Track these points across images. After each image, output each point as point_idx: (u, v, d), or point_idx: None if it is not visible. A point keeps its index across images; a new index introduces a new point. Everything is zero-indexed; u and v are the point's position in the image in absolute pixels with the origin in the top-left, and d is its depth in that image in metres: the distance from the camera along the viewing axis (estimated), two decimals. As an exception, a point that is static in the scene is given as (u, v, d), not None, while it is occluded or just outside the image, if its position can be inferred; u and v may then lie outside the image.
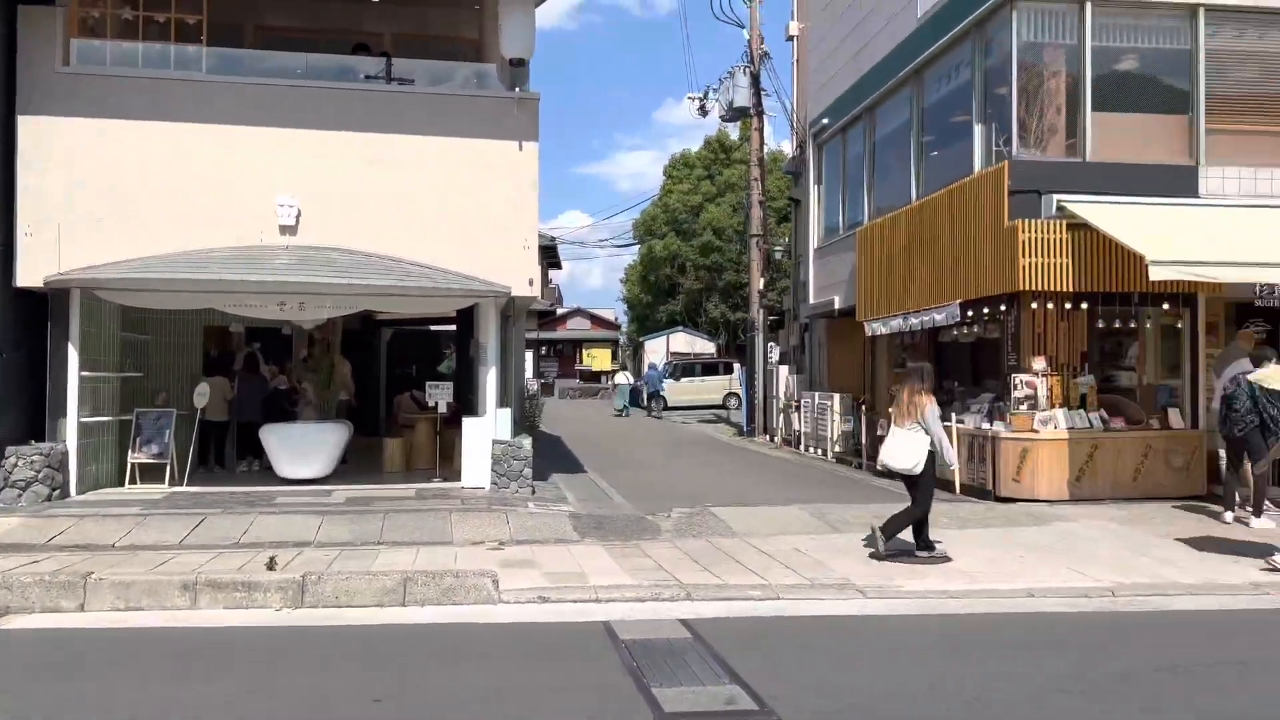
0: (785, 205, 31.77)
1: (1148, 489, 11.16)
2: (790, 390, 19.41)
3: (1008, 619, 6.65)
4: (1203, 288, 10.89)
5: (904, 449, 8.06)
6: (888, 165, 15.71)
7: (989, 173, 11.73)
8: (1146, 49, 11.74)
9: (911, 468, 8.05)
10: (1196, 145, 11.47)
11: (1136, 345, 12.27)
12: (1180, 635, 6.29)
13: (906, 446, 8.06)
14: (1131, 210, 10.96)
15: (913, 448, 8.03)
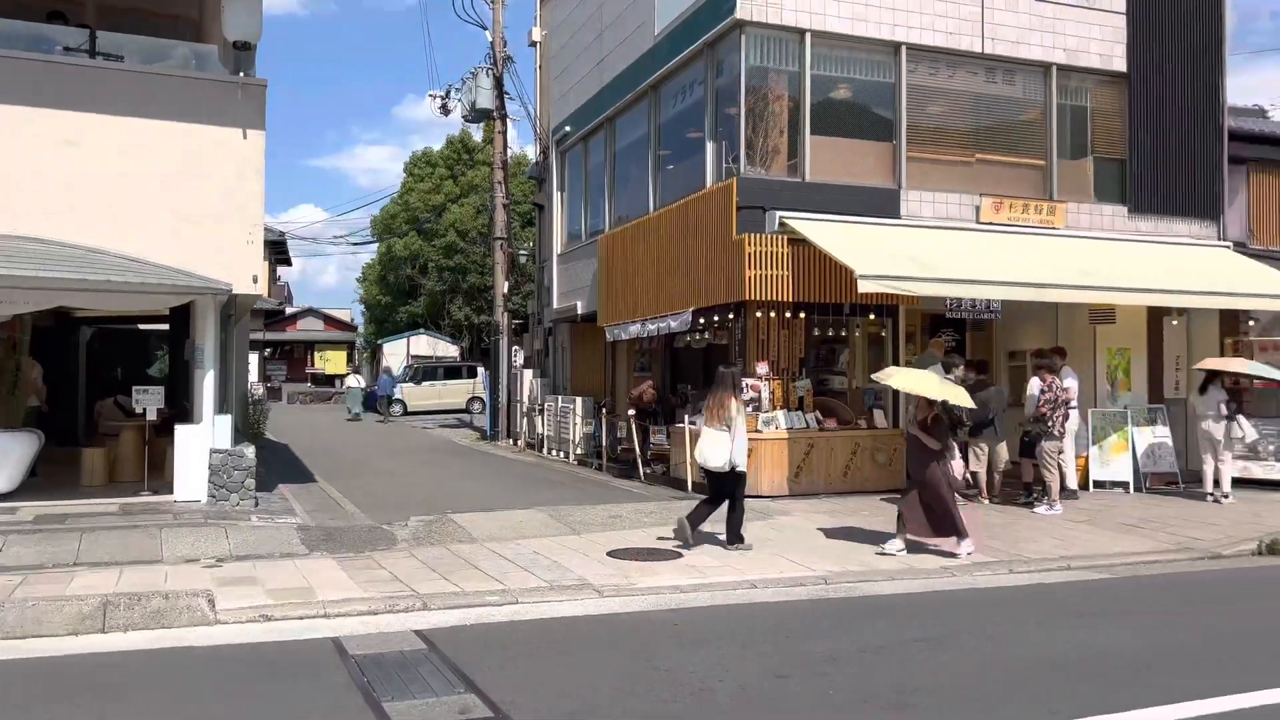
0: (530, 209, 31.88)
1: (857, 483, 12.17)
2: (534, 394, 19.48)
3: (733, 610, 7.01)
4: (903, 300, 12.01)
5: (716, 449, 8.63)
6: (628, 175, 16.17)
7: (719, 188, 12.36)
8: (858, 80, 12.83)
9: (722, 465, 8.62)
10: (899, 171, 12.66)
11: (847, 351, 13.35)
12: (883, 617, 6.89)
13: (718, 447, 8.62)
14: (844, 228, 11.92)
15: (723, 447, 8.60)
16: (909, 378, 9.16)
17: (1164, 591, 7.85)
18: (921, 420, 8.80)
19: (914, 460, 8.86)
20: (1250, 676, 5.37)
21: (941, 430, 8.78)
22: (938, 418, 8.75)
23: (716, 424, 8.68)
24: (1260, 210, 14.83)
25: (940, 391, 8.61)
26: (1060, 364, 11.95)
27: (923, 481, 8.66)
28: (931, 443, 8.67)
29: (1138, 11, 13.65)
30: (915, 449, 8.83)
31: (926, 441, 8.69)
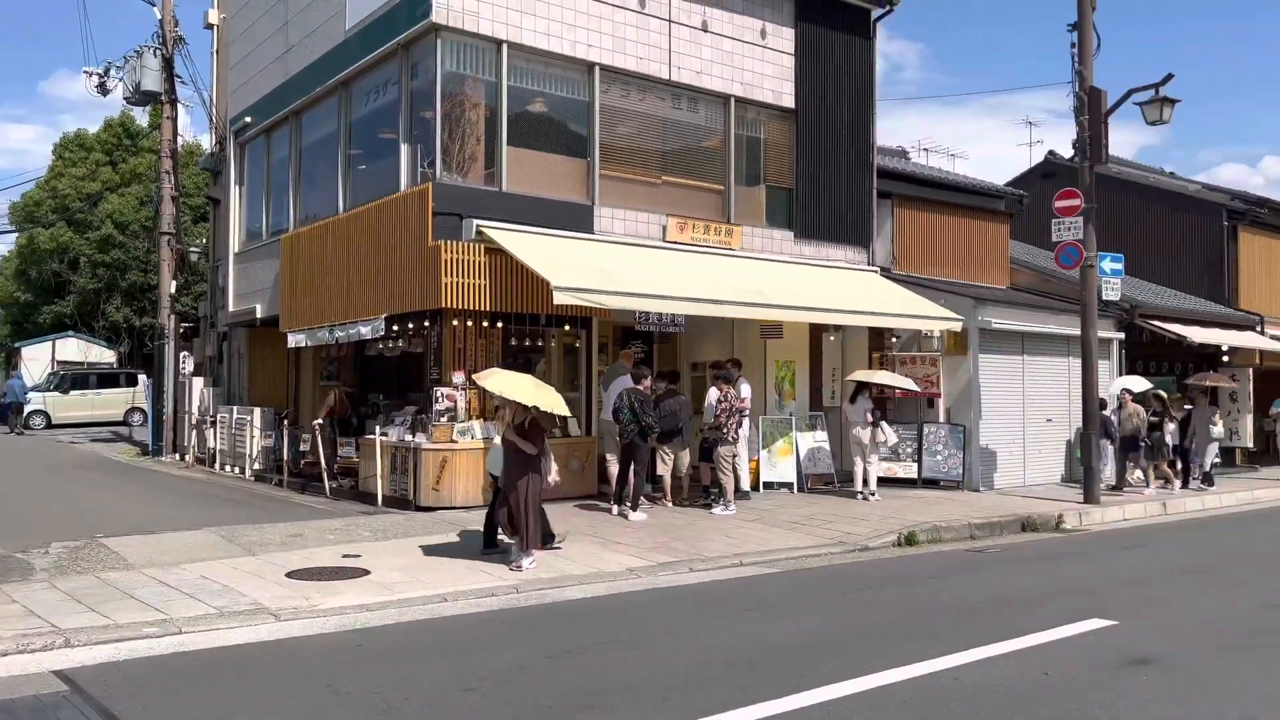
0: (203, 203, 29.41)
1: (550, 492, 12.27)
2: (205, 404, 17.95)
3: (423, 625, 6.82)
4: (596, 312, 12.35)
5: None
6: (316, 173, 15.38)
7: (415, 192, 12.07)
8: (555, 95, 13.05)
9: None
10: (593, 187, 13.02)
11: (544, 361, 13.50)
12: (573, 622, 7.00)
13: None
14: (541, 240, 12.07)
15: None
16: (503, 381, 8.62)
17: (824, 582, 8.62)
18: (518, 425, 8.50)
19: (509, 466, 8.51)
20: (894, 655, 6.01)
21: (538, 435, 8.53)
22: (535, 422, 8.50)
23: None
24: (902, 240, 16.81)
25: (534, 397, 8.30)
26: (736, 375, 12.82)
27: (513, 487, 8.40)
28: (527, 447, 8.44)
29: (804, 53, 15.01)
30: (511, 454, 8.51)
31: (523, 446, 8.44)
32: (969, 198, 18.13)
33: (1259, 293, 21.91)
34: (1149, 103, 13.74)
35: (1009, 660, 5.97)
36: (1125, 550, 10.66)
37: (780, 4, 14.80)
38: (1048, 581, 8.71)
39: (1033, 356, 15.89)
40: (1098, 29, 13.61)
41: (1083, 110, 13.52)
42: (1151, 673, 5.80)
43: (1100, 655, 6.10)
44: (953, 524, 11.29)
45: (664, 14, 13.60)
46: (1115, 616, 7.04)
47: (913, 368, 15.33)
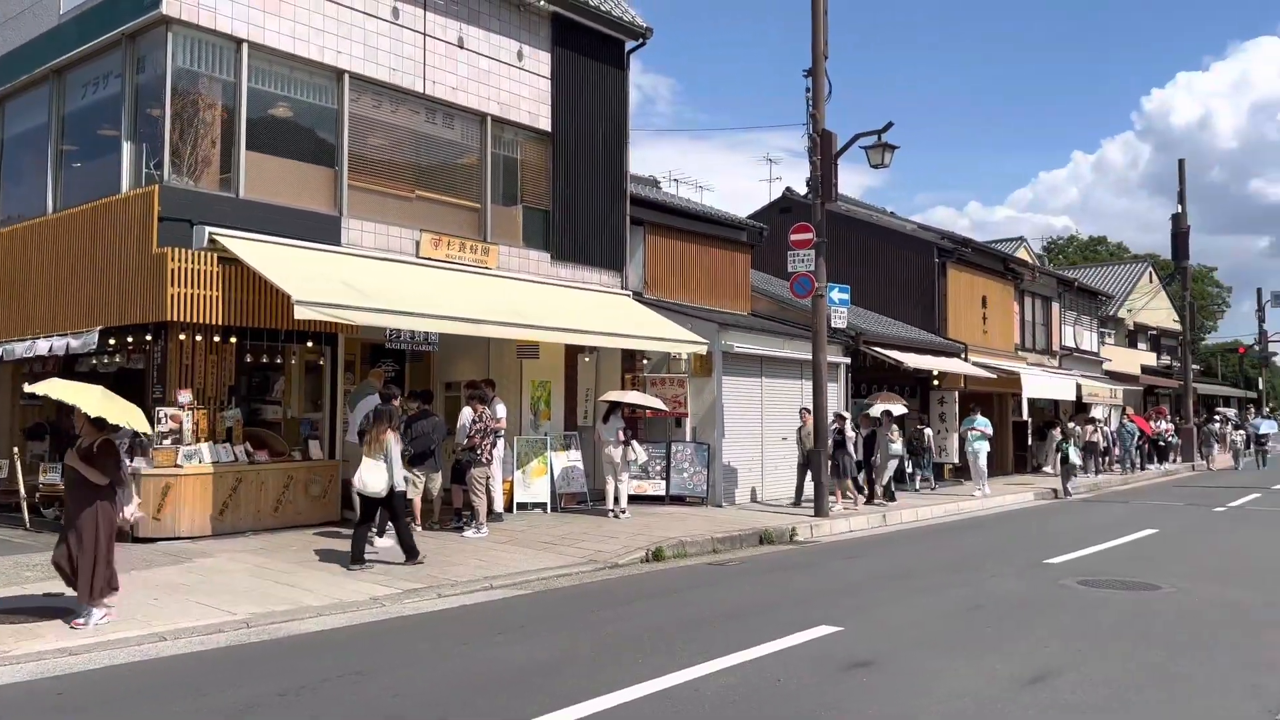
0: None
1: (289, 518, 11.64)
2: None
3: (138, 669, 6.20)
4: (343, 328, 11.83)
5: (375, 476, 9.52)
6: (21, 167, 13.79)
7: (138, 194, 11.09)
8: (301, 101, 12.44)
9: (381, 490, 9.51)
10: (340, 198, 12.50)
11: (283, 380, 12.78)
12: (310, 656, 6.60)
13: (377, 474, 9.51)
14: (282, 250, 11.43)
15: (381, 475, 9.50)
16: (64, 388, 7.18)
17: (574, 601, 8.66)
18: (84, 448, 7.06)
19: (71, 498, 7.18)
20: (639, 670, 6.11)
21: (110, 463, 7.09)
22: (107, 444, 7.10)
23: (375, 454, 9.57)
24: (654, 266, 17.36)
25: (99, 407, 6.94)
26: (491, 395, 12.71)
27: (73, 525, 7.03)
28: (94, 475, 7.00)
29: (561, 78, 15.21)
30: (75, 484, 7.11)
31: (87, 474, 7.00)
32: (715, 228, 19.02)
33: (963, 324, 24.45)
34: (873, 147, 15.00)
35: (746, 669, 6.23)
36: (849, 560, 11.47)
37: (537, 27, 14.93)
38: (781, 592, 9.21)
39: (771, 379, 16.86)
40: (829, 76, 14.73)
41: (815, 151, 14.55)
42: (872, 673, 6.25)
43: (827, 660, 6.50)
44: (697, 539, 11.70)
45: (419, 27, 13.34)
46: (840, 623, 7.54)
47: (662, 388, 15.83)
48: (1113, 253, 62.01)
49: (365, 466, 9.52)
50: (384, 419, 9.69)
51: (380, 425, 9.60)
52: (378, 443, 9.54)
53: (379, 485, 9.47)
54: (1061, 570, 10.54)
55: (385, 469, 9.49)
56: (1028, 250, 34.38)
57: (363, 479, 9.51)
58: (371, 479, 9.47)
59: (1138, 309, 40.47)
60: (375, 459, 9.52)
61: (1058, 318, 30.50)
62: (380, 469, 9.49)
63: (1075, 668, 6.45)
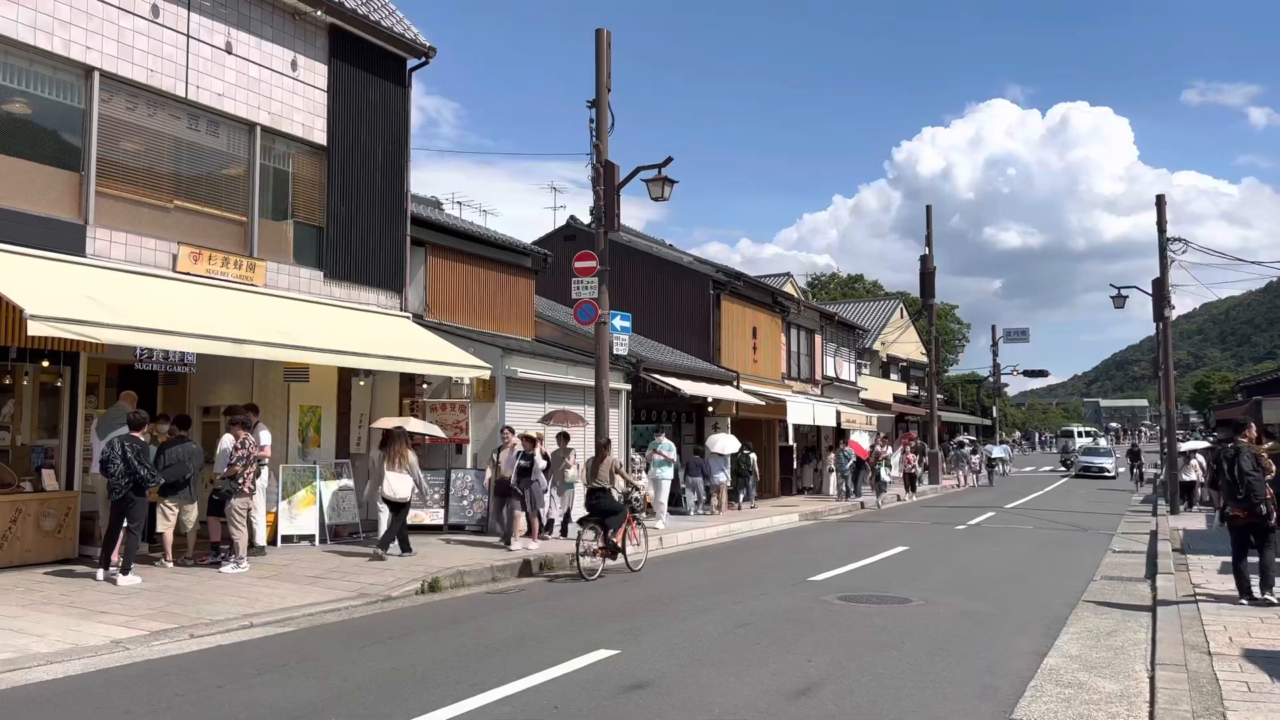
0: None
1: (16, 555, 10.47)
2: None
3: None
4: (86, 347, 10.80)
5: (403, 484, 12.36)
6: None
7: None
8: (42, 97, 11.30)
9: (409, 497, 12.50)
10: (87, 205, 11.44)
11: (13, 403, 11.50)
12: (32, 710, 5.90)
13: (403, 483, 12.37)
14: (15, 260, 10.31)
15: (407, 483, 12.40)
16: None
17: (344, 638, 8.23)
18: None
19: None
20: (409, 707, 5.88)
21: None
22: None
23: (398, 468, 12.36)
24: (435, 288, 17.00)
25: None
26: (254, 420, 11.98)
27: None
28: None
29: (338, 92, 14.67)
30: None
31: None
32: (499, 252, 18.93)
33: (736, 353, 25.55)
34: (653, 180, 15.46)
35: (524, 698, 6.14)
36: (626, 584, 11.61)
37: (314, 38, 14.36)
38: (560, 618, 9.18)
39: (555, 404, 16.89)
40: (613, 109, 15.06)
41: (599, 180, 14.81)
42: (648, 694, 6.32)
43: (604, 683, 6.52)
44: (475, 568, 11.49)
45: (181, 27, 12.49)
46: (617, 645, 7.60)
47: (443, 414, 15.50)
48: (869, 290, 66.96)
49: (391, 478, 12.27)
50: (401, 439, 12.50)
51: (400, 443, 12.44)
52: (401, 456, 12.33)
53: (405, 492, 12.34)
54: (823, 587, 11.14)
55: (409, 478, 12.36)
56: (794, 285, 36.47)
57: (392, 487, 12.28)
58: (400, 486, 12.32)
59: (890, 342, 43.80)
60: (399, 471, 12.30)
61: (820, 349, 32.49)
62: (406, 479, 12.35)
63: (837, 679, 6.81)
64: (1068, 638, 8.45)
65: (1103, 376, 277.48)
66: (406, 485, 12.37)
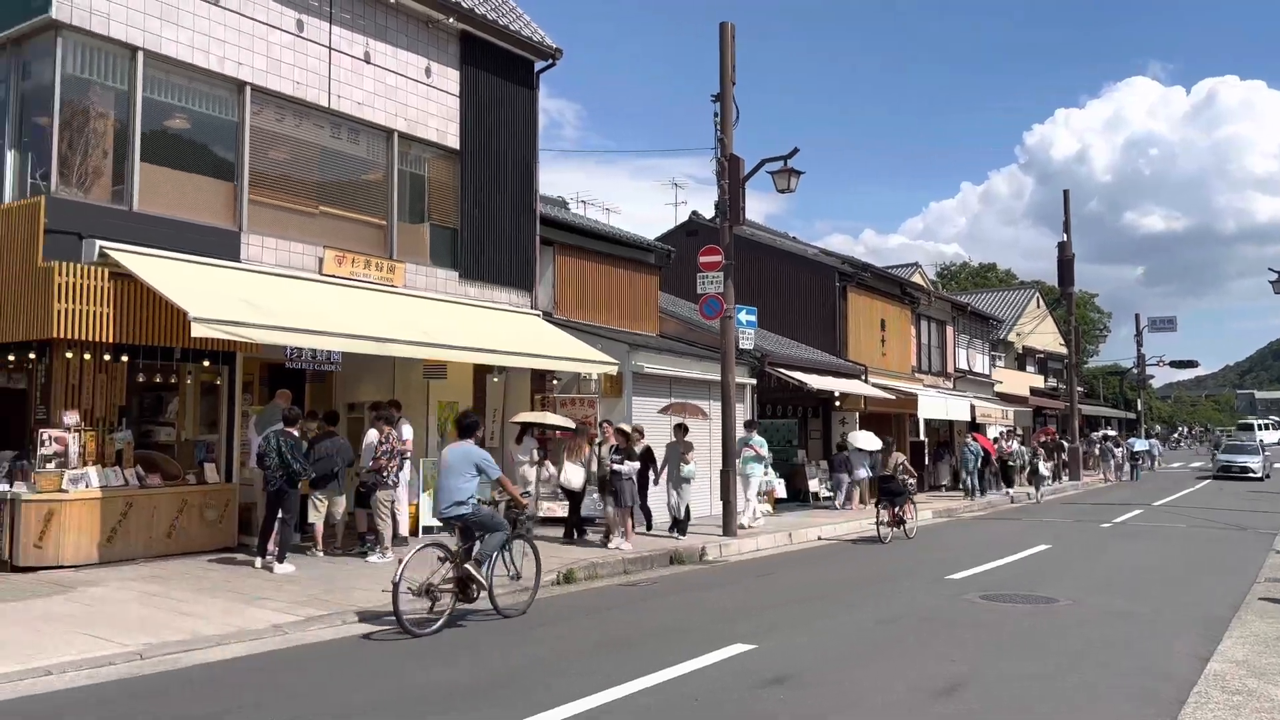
0: None
1: (183, 544, 11.15)
2: None
3: (19, 704, 5.82)
4: (242, 347, 11.43)
5: (577, 475, 13.26)
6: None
7: (22, 206, 10.53)
8: (199, 113, 12.02)
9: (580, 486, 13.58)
10: (240, 213, 12.11)
11: (177, 400, 12.27)
12: (206, 688, 6.31)
13: (577, 474, 13.29)
14: (178, 266, 11.00)
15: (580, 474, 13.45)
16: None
17: (483, 627, 8.46)
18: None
19: None
20: (550, 695, 6.01)
21: None
22: None
23: (577, 460, 13.46)
24: (563, 285, 17.30)
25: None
26: (397, 416, 12.43)
27: None
28: None
29: (470, 96, 15.09)
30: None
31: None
32: (624, 249, 19.11)
33: (863, 346, 25.08)
34: (779, 172, 15.32)
35: (663, 689, 6.20)
36: (760, 579, 11.56)
37: (445, 45, 14.80)
38: (694, 611, 9.21)
39: (680, 399, 16.94)
40: (737, 102, 14.98)
41: (723, 175, 14.77)
42: (788, 689, 6.29)
43: (743, 677, 6.52)
44: (608, 560, 11.64)
45: (324, 40, 13.07)
46: (754, 640, 7.58)
47: (573, 409, 15.74)
48: (1001, 279, 64.59)
49: (568, 468, 13.38)
50: (582, 434, 13.54)
51: (580, 438, 13.53)
52: (579, 450, 13.50)
53: (579, 482, 13.37)
54: (963, 585, 10.84)
55: (584, 470, 13.35)
56: (922, 275, 35.56)
57: (567, 477, 13.30)
58: (575, 477, 13.39)
59: (1026, 333, 42.20)
60: (575, 463, 13.43)
61: (952, 341, 31.57)
62: (580, 470, 13.39)
63: (982, 678, 6.62)
64: (1232, 642, 7.97)
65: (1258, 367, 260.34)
66: (580, 476, 13.46)
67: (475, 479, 8.46)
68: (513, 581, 8.92)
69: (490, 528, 8.50)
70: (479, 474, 8.47)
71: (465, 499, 8.35)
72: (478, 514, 8.43)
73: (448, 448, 8.81)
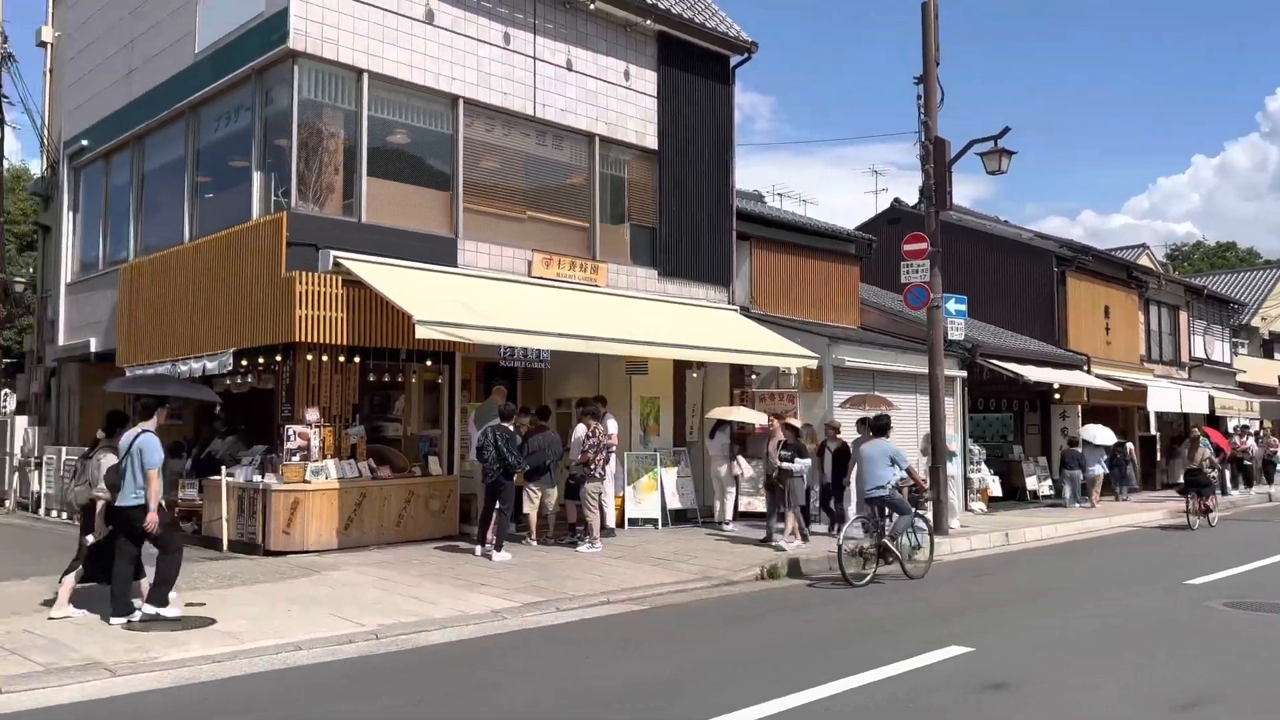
0: (31, 231, 27.48)
1: (410, 533, 11.93)
2: (29, 445, 16.62)
3: (275, 676, 6.42)
4: (460, 347, 12.10)
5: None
6: (159, 200, 14.58)
7: (268, 221, 11.59)
8: (417, 127, 12.82)
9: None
10: (456, 220, 12.81)
11: (403, 398, 13.13)
12: (438, 667, 6.73)
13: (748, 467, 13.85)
14: (402, 272, 11.77)
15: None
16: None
17: (692, 618, 8.60)
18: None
19: None
20: (761, 689, 6.02)
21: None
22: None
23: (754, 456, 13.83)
24: (760, 279, 17.23)
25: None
26: (602, 411, 12.79)
27: None
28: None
29: (667, 96, 15.30)
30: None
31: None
32: (822, 240, 18.79)
33: (1085, 335, 23.51)
34: (989, 153, 14.61)
35: (875, 690, 6.07)
36: (974, 579, 11.10)
37: (643, 47, 15.06)
38: (906, 610, 8.96)
39: (883, 393, 16.49)
40: (941, 83, 14.40)
41: (928, 159, 14.24)
42: (1009, 695, 6.01)
43: (960, 681, 6.28)
44: (813, 556, 11.51)
45: (529, 51, 13.61)
46: (971, 642, 7.29)
47: (771, 404, 15.64)
48: (1242, 258, 58.83)
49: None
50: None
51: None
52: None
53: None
54: (1204, 591, 9.98)
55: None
56: (1150, 257, 32.89)
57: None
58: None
59: (1273, 317, 38.25)
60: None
61: (1186, 327, 29.09)
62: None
63: (1226, 694, 6.09)
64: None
65: None
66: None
67: (890, 468, 10.54)
68: (914, 551, 10.84)
69: (902, 509, 10.59)
70: (892, 464, 10.56)
71: (884, 484, 10.48)
72: (893, 497, 10.54)
73: (866, 444, 11.16)
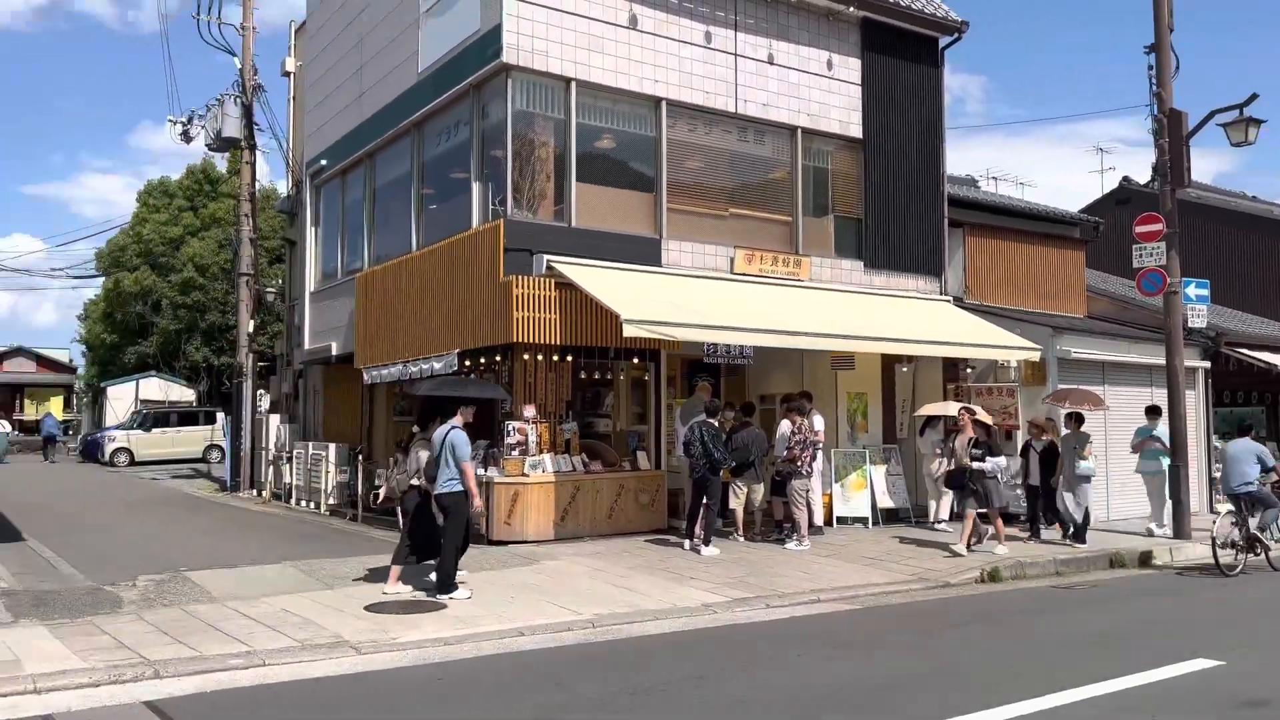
0: (279, 245, 30.22)
1: (620, 525, 12.25)
2: (281, 441, 18.29)
3: (501, 659, 6.78)
4: (666, 345, 12.30)
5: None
6: (389, 212, 15.69)
7: (486, 229, 12.22)
8: (622, 131, 13.15)
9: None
10: (660, 221, 13.04)
11: (612, 395, 13.51)
12: (652, 658, 6.89)
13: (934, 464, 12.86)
14: (610, 273, 12.11)
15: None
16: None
17: (906, 620, 8.38)
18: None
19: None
20: (984, 695, 5.79)
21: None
22: None
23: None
24: (975, 269, 16.51)
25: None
26: (808, 407, 12.65)
27: None
28: None
29: (871, 83, 14.92)
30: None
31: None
32: (1042, 225, 17.78)
33: (1352, 318, 21.01)
34: (1233, 123, 13.33)
35: (1111, 700, 5.71)
36: (1224, 588, 10.19)
37: (846, 35, 14.76)
38: (1143, 619, 8.36)
39: (1114, 386, 15.41)
40: (1176, 51, 13.30)
41: (1162, 133, 13.18)
42: (1271, 713, 5.49)
43: (1210, 696, 5.80)
44: (1037, 560, 10.94)
45: (730, 48, 13.65)
46: (1221, 656, 6.71)
47: (989, 399, 14.97)
48: None
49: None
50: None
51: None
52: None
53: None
54: None
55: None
56: None
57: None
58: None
59: None
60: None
61: None
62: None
63: None
64: None
65: None
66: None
67: (1256, 466, 11.26)
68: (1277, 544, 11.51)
69: (1268, 504, 11.29)
70: (1259, 462, 11.28)
71: (1250, 480, 11.19)
72: (1259, 492, 11.26)
73: (1231, 442, 11.95)
